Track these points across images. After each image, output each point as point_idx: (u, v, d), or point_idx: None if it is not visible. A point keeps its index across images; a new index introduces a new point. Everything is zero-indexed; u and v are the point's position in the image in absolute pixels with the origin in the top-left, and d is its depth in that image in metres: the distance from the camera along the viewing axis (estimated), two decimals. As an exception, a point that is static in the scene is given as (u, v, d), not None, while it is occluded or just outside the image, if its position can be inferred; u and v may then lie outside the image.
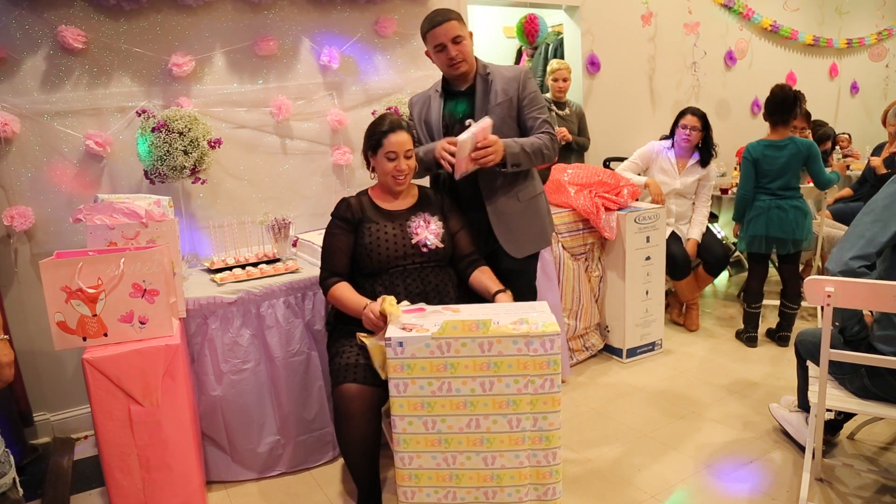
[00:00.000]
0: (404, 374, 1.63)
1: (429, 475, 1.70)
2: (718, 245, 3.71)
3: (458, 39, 2.14)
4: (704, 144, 3.58)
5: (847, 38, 5.90)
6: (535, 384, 1.62)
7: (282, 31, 2.89)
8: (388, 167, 2.05)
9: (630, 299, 3.19)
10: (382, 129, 2.04)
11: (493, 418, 1.65)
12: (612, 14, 4.22)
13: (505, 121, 2.20)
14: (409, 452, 1.68)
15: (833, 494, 2.08)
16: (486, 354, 1.61)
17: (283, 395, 2.31)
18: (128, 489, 1.81)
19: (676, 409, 2.71)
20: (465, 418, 1.65)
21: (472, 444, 1.67)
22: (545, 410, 1.64)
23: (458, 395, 1.64)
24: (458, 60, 2.16)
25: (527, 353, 1.60)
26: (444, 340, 1.60)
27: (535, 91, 2.25)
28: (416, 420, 1.66)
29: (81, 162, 2.56)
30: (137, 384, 1.78)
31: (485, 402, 1.64)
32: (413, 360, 1.62)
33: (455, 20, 2.14)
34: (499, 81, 2.22)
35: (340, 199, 2.14)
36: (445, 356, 1.61)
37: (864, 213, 1.90)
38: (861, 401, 1.96)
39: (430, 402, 1.65)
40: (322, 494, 2.25)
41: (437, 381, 1.63)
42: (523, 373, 1.62)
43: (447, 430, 1.66)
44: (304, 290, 2.35)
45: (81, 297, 1.76)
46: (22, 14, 2.41)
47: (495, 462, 1.67)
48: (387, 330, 1.68)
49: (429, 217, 2.09)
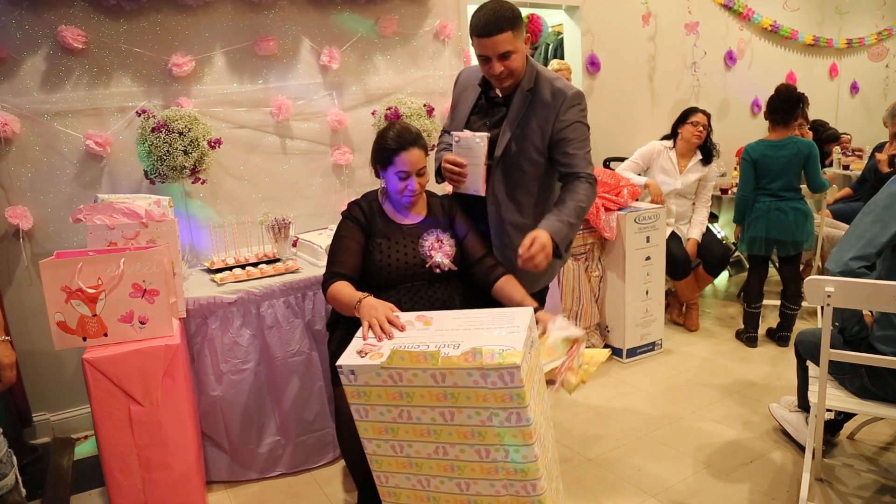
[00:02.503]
0: (362, 400, 1.52)
1: (407, 494, 1.62)
2: (718, 245, 3.71)
3: (506, 55, 1.85)
4: (705, 143, 3.61)
5: (847, 38, 5.90)
6: (499, 417, 1.42)
7: (282, 31, 2.89)
8: (398, 186, 1.92)
9: (630, 299, 3.19)
10: (393, 147, 1.89)
11: (459, 447, 1.49)
12: (612, 14, 4.22)
13: (528, 154, 1.97)
14: (383, 472, 1.62)
15: (833, 494, 2.08)
16: (440, 385, 1.43)
17: (284, 395, 2.31)
18: (128, 489, 1.81)
19: (676, 409, 2.71)
20: (432, 445, 1.52)
21: (443, 469, 1.54)
22: (515, 444, 1.44)
23: (419, 423, 1.50)
24: (503, 77, 1.90)
25: (484, 385, 1.39)
26: (394, 370, 1.45)
27: (574, 122, 1.95)
28: (383, 443, 1.56)
29: (81, 162, 2.56)
30: (137, 384, 1.78)
31: (448, 430, 1.48)
32: (367, 388, 1.49)
33: (508, 32, 1.82)
34: (537, 107, 1.95)
35: (350, 203, 2.04)
36: (398, 385, 1.46)
37: (863, 213, 1.90)
38: (861, 401, 1.96)
39: (392, 427, 1.53)
40: (322, 495, 2.24)
41: (395, 409, 1.50)
42: (483, 405, 1.42)
43: (416, 455, 1.55)
44: (304, 290, 2.35)
45: (81, 297, 1.76)
46: (22, 14, 2.41)
47: (470, 489, 1.54)
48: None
49: (441, 235, 1.98)
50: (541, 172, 2.02)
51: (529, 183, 2.02)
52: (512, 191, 2.03)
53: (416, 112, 2.85)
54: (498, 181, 2.03)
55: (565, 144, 1.95)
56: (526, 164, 1.99)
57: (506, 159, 2.00)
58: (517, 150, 1.98)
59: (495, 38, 1.82)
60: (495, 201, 2.04)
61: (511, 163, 1.99)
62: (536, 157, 1.98)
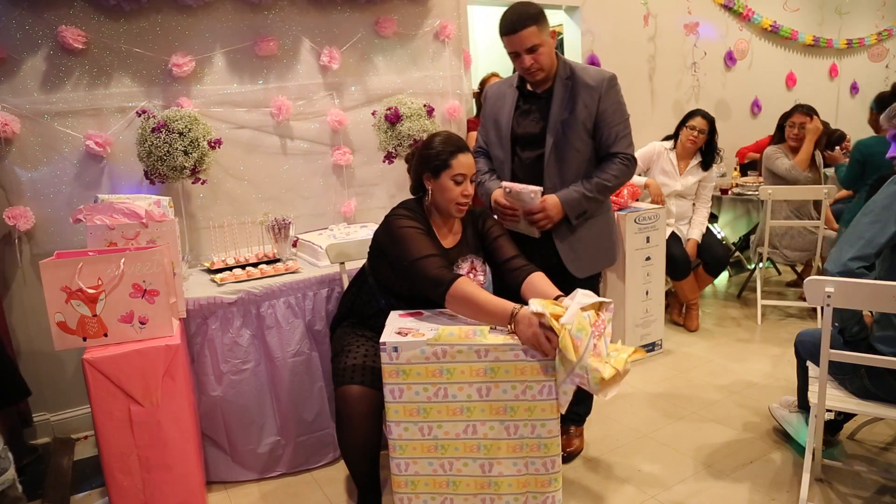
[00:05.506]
0: (399, 379, 1.61)
1: (426, 482, 1.68)
2: (718, 245, 3.71)
3: (534, 49, 1.97)
4: (708, 148, 3.59)
5: (847, 39, 5.90)
6: (532, 390, 1.59)
7: (282, 31, 2.89)
8: (454, 192, 1.85)
9: (630, 299, 3.19)
10: (450, 149, 1.85)
11: (490, 424, 1.62)
12: (612, 14, 4.22)
13: (579, 135, 2.06)
14: (405, 458, 1.66)
15: (833, 494, 2.08)
16: (482, 360, 1.58)
17: (284, 395, 2.31)
18: (128, 489, 1.81)
19: (676, 409, 2.71)
20: (462, 424, 1.63)
21: (469, 450, 1.65)
22: (543, 417, 1.60)
23: (454, 400, 1.61)
24: (534, 70, 2.02)
25: (524, 358, 1.57)
26: (440, 347, 1.58)
27: (615, 103, 2.07)
28: (411, 426, 1.64)
29: (81, 162, 2.56)
30: (137, 384, 1.78)
31: (482, 407, 1.61)
32: (408, 366, 1.59)
33: (532, 27, 1.95)
34: (580, 90, 2.04)
35: (403, 212, 1.89)
36: (441, 362, 1.59)
37: (863, 213, 1.90)
38: (861, 401, 1.96)
39: (425, 407, 1.62)
40: (322, 495, 2.24)
41: (432, 387, 1.61)
42: (520, 378, 1.58)
43: (444, 437, 1.64)
44: (304, 290, 2.35)
45: (81, 297, 1.76)
46: (22, 14, 2.41)
47: (493, 469, 1.65)
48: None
49: (475, 261, 1.95)
50: (591, 154, 2.12)
51: (581, 165, 2.12)
52: (566, 175, 2.11)
53: (416, 112, 2.84)
54: (552, 167, 2.11)
55: (608, 126, 2.07)
56: (577, 146, 2.08)
57: (558, 145, 2.09)
58: (567, 134, 2.06)
59: (521, 34, 1.96)
60: (553, 187, 2.10)
61: (563, 148, 2.07)
62: (586, 138, 2.09)
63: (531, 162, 2.15)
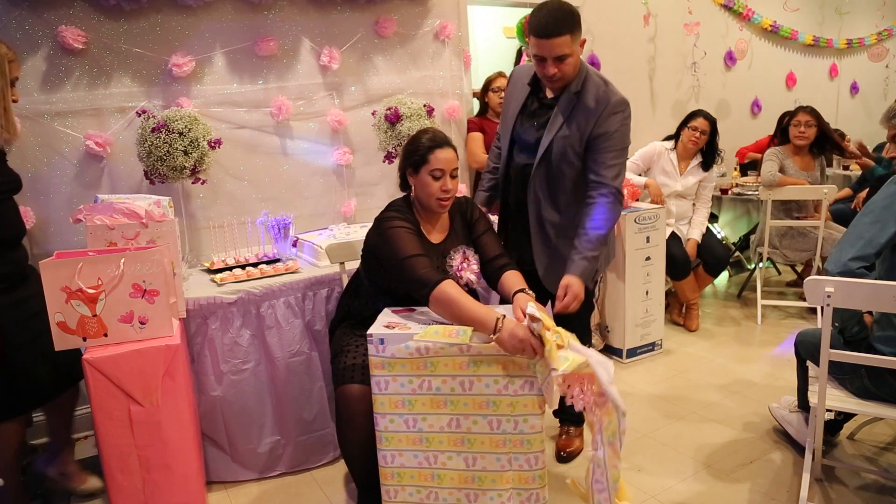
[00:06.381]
0: (385, 371, 1.64)
1: (411, 474, 1.70)
2: (718, 245, 3.71)
3: (562, 58, 1.85)
4: (709, 149, 3.59)
5: (847, 39, 5.90)
6: (514, 384, 1.61)
7: (282, 31, 2.89)
8: (433, 187, 1.84)
9: (630, 299, 3.19)
10: (427, 145, 1.84)
11: (473, 418, 1.65)
12: (612, 14, 4.22)
13: (570, 154, 1.98)
14: (391, 450, 1.69)
15: (833, 494, 2.08)
16: (465, 354, 1.61)
17: (284, 395, 2.31)
18: (128, 489, 1.81)
19: (676, 409, 2.71)
20: (446, 417, 1.66)
21: (454, 443, 1.67)
22: (526, 413, 1.62)
23: (438, 393, 1.64)
24: (555, 79, 1.91)
25: (506, 354, 1.59)
26: (424, 343, 1.61)
27: (613, 130, 1.92)
28: (397, 418, 1.67)
29: (81, 162, 2.56)
30: (137, 384, 1.78)
31: (465, 401, 1.64)
32: (393, 360, 1.63)
33: (567, 35, 1.81)
34: (580, 109, 1.95)
35: (391, 214, 1.90)
36: (425, 356, 1.62)
37: (862, 213, 1.90)
38: (861, 401, 1.96)
39: (410, 399, 1.65)
40: (322, 495, 2.25)
41: (417, 379, 1.64)
42: (502, 373, 1.61)
43: (428, 430, 1.67)
44: (304, 290, 2.35)
45: (81, 297, 1.76)
46: (22, 14, 2.41)
47: (476, 463, 1.67)
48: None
49: (466, 251, 1.94)
50: (578, 175, 2.03)
51: (568, 184, 2.05)
52: (551, 190, 2.06)
53: (416, 112, 2.84)
54: (539, 180, 2.06)
55: (598, 152, 1.94)
56: (565, 166, 2.01)
57: (547, 160, 2.02)
58: (558, 152, 1.99)
59: (553, 41, 1.81)
60: (535, 200, 2.08)
61: (552, 164, 2.02)
62: (575, 160, 1.99)
63: (521, 167, 2.12)
